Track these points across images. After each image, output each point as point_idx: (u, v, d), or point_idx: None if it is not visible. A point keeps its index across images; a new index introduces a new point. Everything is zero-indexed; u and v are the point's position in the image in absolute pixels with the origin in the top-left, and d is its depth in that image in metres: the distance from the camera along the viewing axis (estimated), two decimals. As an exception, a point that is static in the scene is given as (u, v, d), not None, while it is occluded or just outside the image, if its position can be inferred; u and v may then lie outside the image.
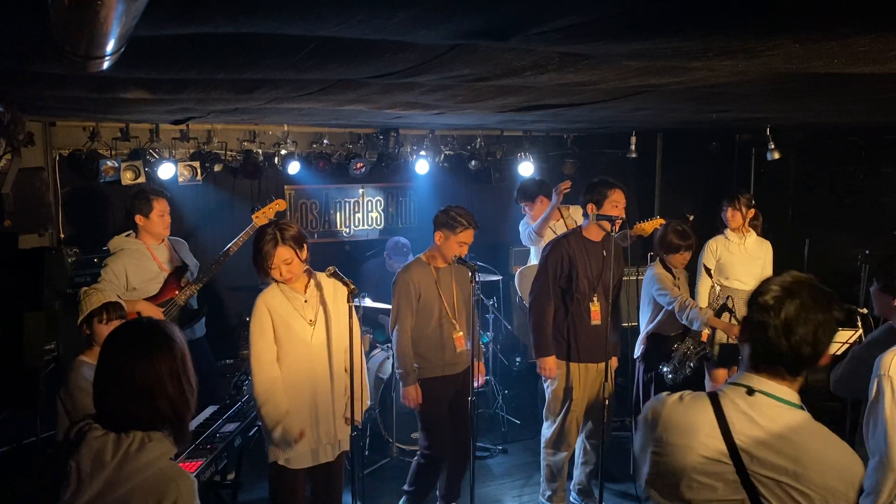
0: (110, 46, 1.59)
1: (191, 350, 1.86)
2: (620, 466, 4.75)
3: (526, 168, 6.53)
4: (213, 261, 4.51)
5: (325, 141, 6.16)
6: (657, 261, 4.48)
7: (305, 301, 3.32)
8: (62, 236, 5.32)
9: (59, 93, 3.22)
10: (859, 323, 4.11)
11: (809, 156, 6.26)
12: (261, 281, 3.33)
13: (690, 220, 5.29)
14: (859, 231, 5.62)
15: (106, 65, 1.81)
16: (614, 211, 3.98)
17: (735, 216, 4.88)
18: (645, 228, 4.73)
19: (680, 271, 4.48)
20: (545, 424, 4.29)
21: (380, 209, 6.78)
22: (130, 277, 4.24)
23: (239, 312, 5.60)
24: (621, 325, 4.49)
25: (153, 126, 5.44)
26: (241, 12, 1.59)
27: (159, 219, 4.40)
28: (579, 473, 4.39)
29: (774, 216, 5.84)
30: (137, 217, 4.36)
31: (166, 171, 5.26)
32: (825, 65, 2.11)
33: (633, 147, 6.34)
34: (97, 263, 4.51)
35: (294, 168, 5.79)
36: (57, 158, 5.27)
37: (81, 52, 1.67)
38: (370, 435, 4.99)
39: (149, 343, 1.76)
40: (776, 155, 5.69)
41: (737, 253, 4.88)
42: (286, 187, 6.25)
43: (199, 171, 5.42)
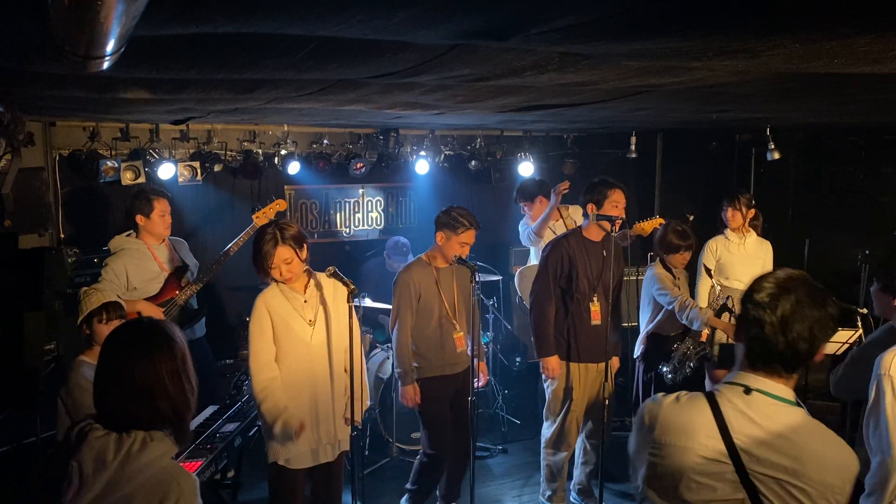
0: (110, 46, 1.59)
1: (191, 350, 1.85)
2: (620, 466, 4.71)
3: (526, 168, 6.53)
4: (214, 261, 4.51)
5: (325, 141, 6.15)
6: (657, 261, 4.48)
7: (305, 301, 3.32)
8: (62, 236, 5.32)
9: (60, 93, 3.22)
10: (859, 323, 4.11)
11: (809, 156, 6.26)
12: (261, 281, 3.33)
13: (690, 220, 5.29)
14: (859, 231, 5.62)
15: (106, 65, 1.81)
16: (614, 211, 3.98)
17: (735, 216, 4.89)
18: (644, 228, 4.74)
19: (680, 271, 4.48)
20: (545, 424, 4.29)
21: (380, 209, 6.78)
22: (131, 277, 4.24)
23: (239, 312, 5.60)
24: (621, 325, 4.49)
25: (153, 126, 5.44)
26: (241, 12, 1.59)
27: (160, 219, 4.40)
28: (579, 473, 4.39)
29: (774, 216, 5.84)
30: (138, 217, 4.36)
31: (166, 172, 5.26)
32: (825, 65, 2.11)
33: (633, 147, 6.34)
34: (97, 263, 4.51)
35: (294, 168, 5.79)
36: (57, 158, 5.27)
37: (81, 52, 1.67)
38: (370, 435, 4.98)
39: (149, 343, 1.76)
40: (776, 155, 5.69)
41: (737, 253, 4.89)
42: (286, 187, 6.25)
43: (199, 172, 5.42)
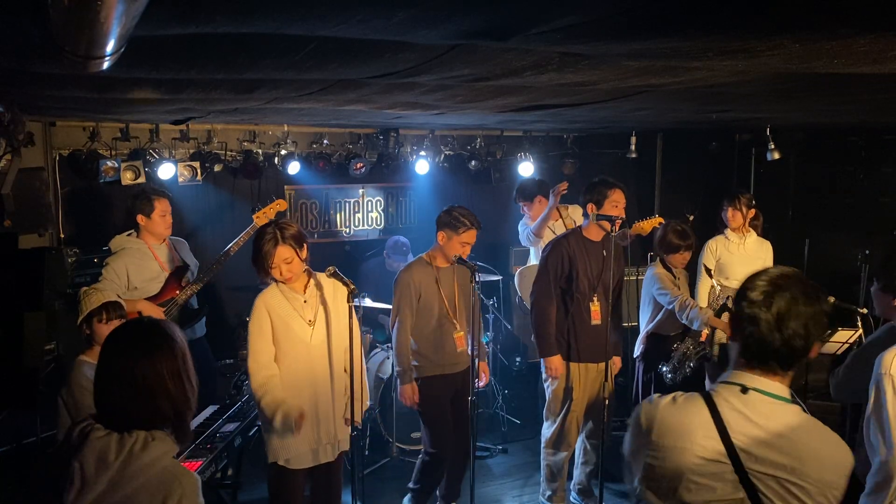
0: (110, 46, 1.60)
1: (191, 350, 1.85)
2: (620, 466, 4.73)
3: (526, 168, 6.53)
4: (214, 261, 4.51)
5: (325, 141, 6.15)
6: (657, 260, 4.49)
7: (305, 301, 3.32)
8: (62, 236, 5.31)
9: (60, 93, 3.22)
10: (859, 323, 4.10)
11: (809, 156, 6.26)
12: (260, 281, 3.33)
13: (690, 220, 5.29)
14: (859, 231, 5.62)
15: (106, 65, 1.81)
16: (614, 211, 3.98)
17: (735, 216, 4.89)
18: (644, 227, 4.74)
19: (680, 271, 4.49)
20: (545, 424, 4.29)
21: (380, 209, 6.78)
22: (132, 277, 4.24)
23: (239, 312, 5.60)
24: (622, 325, 4.49)
25: (153, 126, 5.44)
26: (241, 12, 1.59)
27: (161, 219, 4.40)
28: (579, 473, 4.39)
29: (774, 216, 5.84)
30: (139, 217, 4.36)
31: (166, 172, 5.26)
32: (825, 65, 2.11)
33: (633, 147, 6.34)
34: (97, 263, 4.51)
35: (294, 168, 5.79)
36: (57, 158, 5.27)
37: (81, 53, 1.67)
38: (370, 435, 4.98)
39: (149, 342, 1.76)
40: (776, 155, 5.69)
41: (737, 253, 4.89)
42: (286, 187, 6.25)
43: (199, 172, 5.42)
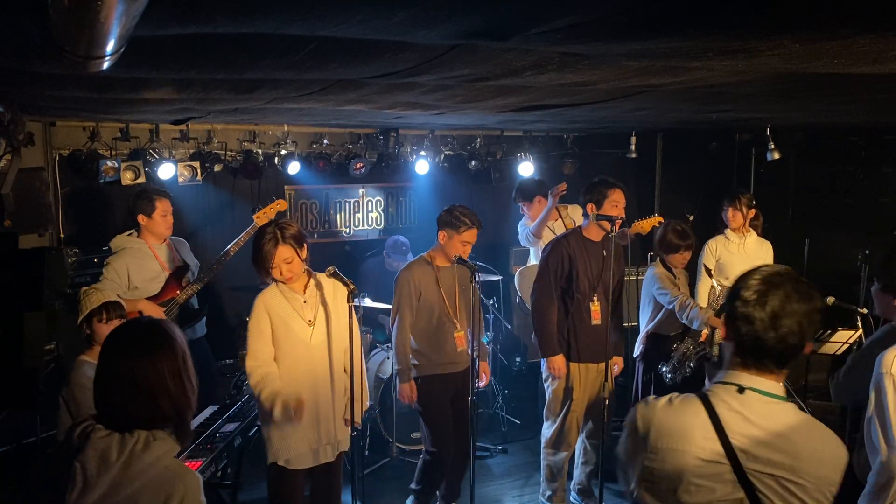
0: (110, 46, 1.60)
1: (191, 350, 1.86)
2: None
3: (526, 168, 6.53)
4: (215, 261, 4.50)
5: (325, 141, 6.15)
6: (657, 260, 4.49)
7: (305, 301, 3.32)
8: (62, 236, 5.31)
9: (60, 93, 3.22)
10: (859, 323, 4.11)
11: (809, 156, 6.26)
12: (260, 281, 3.33)
13: (690, 220, 5.29)
14: (859, 231, 5.61)
15: (106, 65, 1.81)
16: (614, 211, 3.98)
17: (736, 216, 4.89)
18: (643, 226, 4.74)
19: (680, 271, 4.48)
20: (545, 424, 4.29)
21: (380, 209, 6.78)
22: (132, 276, 4.24)
23: (239, 312, 5.59)
24: (623, 326, 4.49)
25: (153, 126, 5.44)
26: (241, 12, 1.59)
27: (162, 219, 4.39)
28: (579, 473, 4.39)
29: (774, 216, 5.83)
30: (140, 216, 4.36)
31: (166, 172, 5.26)
32: (825, 65, 2.11)
33: (633, 147, 6.33)
34: (97, 263, 4.51)
35: (294, 168, 5.79)
36: (57, 158, 5.27)
37: (81, 53, 1.67)
38: (370, 435, 4.98)
39: (149, 342, 1.76)
40: (776, 155, 5.69)
41: (737, 253, 4.89)
42: (286, 187, 6.25)
43: (199, 172, 5.42)
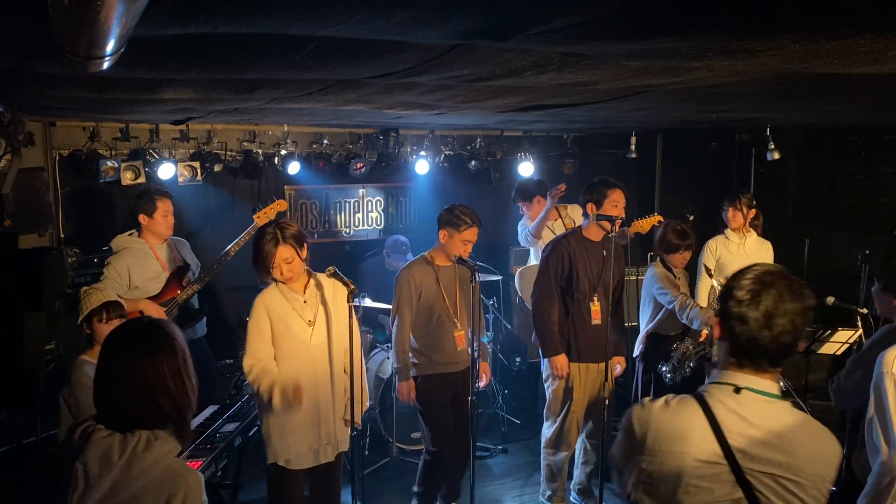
0: (110, 47, 1.60)
1: (191, 350, 1.85)
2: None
3: (526, 168, 6.53)
4: (215, 261, 4.50)
5: (325, 141, 6.15)
6: (657, 260, 4.49)
7: (305, 301, 3.32)
8: (62, 236, 5.32)
9: (59, 93, 3.22)
10: (859, 323, 4.10)
11: (809, 156, 6.27)
12: (260, 281, 3.33)
13: (690, 220, 5.29)
14: (859, 231, 5.62)
15: (106, 65, 1.81)
16: (614, 211, 3.98)
17: (736, 216, 4.88)
18: (643, 226, 4.74)
19: (680, 271, 4.48)
20: (545, 424, 4.29)
21: (380, 209, 6.78)
22: (133, 276, 4.23)
23: (239, 312, 5.59)
24: (624, 326, 4.49)
25: (153, 126, 5.44)
26: (241, 12, 1.59)
27: (163, 219, 4.39)
28: (579, 473, 4.39)
29: (774, 216, 5.83)
30: (141, 216, 4.35)
31: (166, 172, 5.26)
32: (825, 65, 2.11)
33: (633, 147, 6.34)
34: (97, 263, 4.51)
35: (294, 168, 5.79)
36: (57, 158, 5.27)
37: (81, 53, 1.67)
38: (370, 435, 4.98)
39: (149, 342, 1.76)
40: (776, 155, 5.69)
41: (737, 253, 4.88)
42: (286, 187, 6.25)
43: (199, 172, 5.42)
